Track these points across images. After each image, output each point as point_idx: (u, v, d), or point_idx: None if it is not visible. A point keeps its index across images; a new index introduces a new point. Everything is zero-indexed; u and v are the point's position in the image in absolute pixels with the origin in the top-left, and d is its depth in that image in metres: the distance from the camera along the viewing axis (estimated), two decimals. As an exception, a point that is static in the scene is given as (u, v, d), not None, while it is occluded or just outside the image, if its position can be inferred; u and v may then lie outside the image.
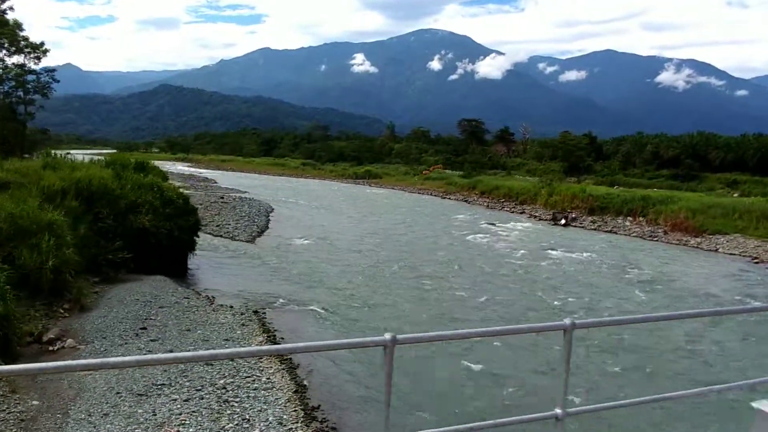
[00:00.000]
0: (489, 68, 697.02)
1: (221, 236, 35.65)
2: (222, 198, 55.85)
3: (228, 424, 11.34)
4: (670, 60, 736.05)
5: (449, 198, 68.56)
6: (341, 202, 61.96)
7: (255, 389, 13.05)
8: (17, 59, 43.99)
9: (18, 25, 42.56)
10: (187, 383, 13.09)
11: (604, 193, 53.03)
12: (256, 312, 19.71)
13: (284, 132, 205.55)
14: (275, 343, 16.65)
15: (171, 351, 15.08)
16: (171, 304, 19.53)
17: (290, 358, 15.23)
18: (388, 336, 2.96)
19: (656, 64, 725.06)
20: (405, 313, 20.89)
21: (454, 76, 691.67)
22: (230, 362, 14.26)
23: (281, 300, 21.71)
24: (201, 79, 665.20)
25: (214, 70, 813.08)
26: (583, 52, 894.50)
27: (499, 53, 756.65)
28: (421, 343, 15.71)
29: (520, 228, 44.31)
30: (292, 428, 11.39)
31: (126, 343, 15.58)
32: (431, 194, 72.95)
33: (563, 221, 47.33)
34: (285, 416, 11.87)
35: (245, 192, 67.62)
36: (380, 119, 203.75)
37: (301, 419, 11.83)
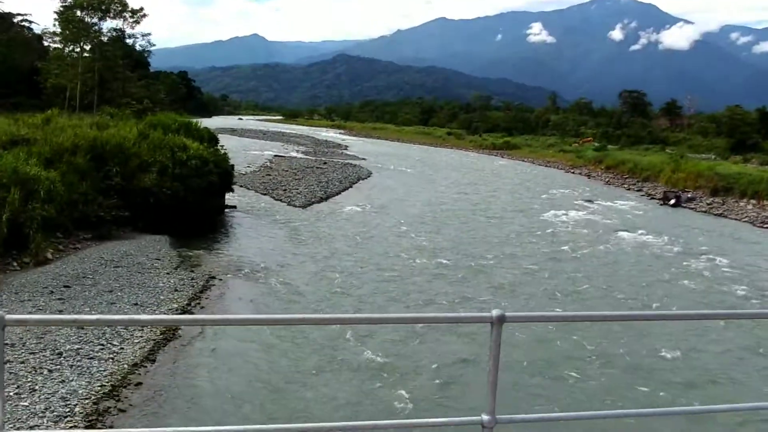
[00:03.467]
0: (675, 38, 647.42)
1: (281, 200, 35.36)
2: (324, 163, 55.77)
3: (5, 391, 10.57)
4: None
5: (573, 172, 64.26)
6: (454, 171, 59.85)
7: (90, 359, 12.25)
8: (116, 23, 46.36)
9: (114, -9, 44.76)
10: (33, 345, 12.53)
11: (734, 172, 47.09)
12: (213, 278, 18.98)
13: (444, 101, 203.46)
14: (187, 313, 15.76)
15: (61, 311, 14.68)
16: (132, 264, 19.26)
17: (187, 332, 14.25)
18: (495, 312, 2.91)
19: None
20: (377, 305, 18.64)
21: (636, 47, 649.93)
22: (105, 327, 13.57)
23: (263, 270, 20.72)
24: (377, 49, 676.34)
25: (391, 40, 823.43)
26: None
27: (688, 22, 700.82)
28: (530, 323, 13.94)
29: (617, 207, 40.27)
30: (70, 407, 10.41)
31: (29, 300, 15.34)
32: (557, 167, 68.85)
33: (673, 201, 42.52)
34: (81, 391, 10.93)
35: (363, 159, 67.36)
36: (556, 91, 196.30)
37: (93, 399, 10.81)
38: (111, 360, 12.29)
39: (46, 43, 56.99)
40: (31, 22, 58.75)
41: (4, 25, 55.73)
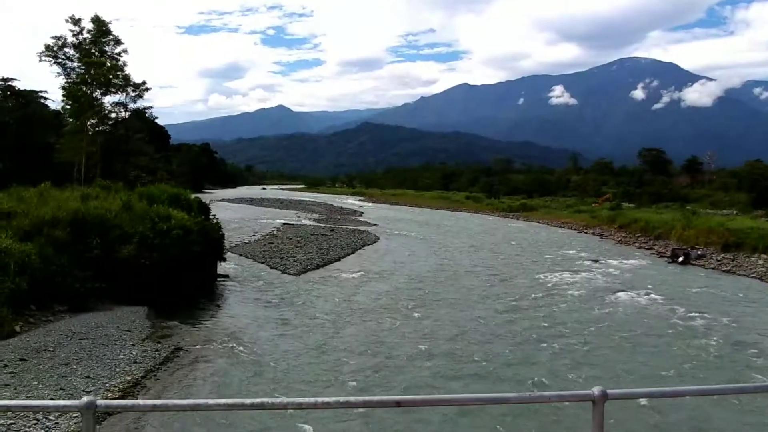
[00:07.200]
0: (697, 95, 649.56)
1: (276, 269, 35.16)
2: (332, 230, 55.82)
3: None
4: None
5: (586, 232, 63.49)
6: (463, 235, 59.37)
7: (18, 435, 11.91)
8: (119, 98, 47.67)
9: (116, 67, 45.96)
10: None
11: (746, 227, 46.13)
12: (179, 349, 18.71)
13: (466, 166, 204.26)
14: (139, 386, 15.42)
15: (8, 385, 14.44)
16: (99, 336, 19.06)
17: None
18: (596, 390, 2.89)
19: None
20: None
21: (658, 105, 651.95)
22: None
23: (232, 341, 20.35)
24: (401, 117, 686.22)
25: (414, 107, 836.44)
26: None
27: (709, 79, 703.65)
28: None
29: (623, 266, 39.41)
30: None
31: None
32: (572, 228, 68.10)
33: (681, 259, 41.61)
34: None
35: (375, 225, 67.42)
36: (580, 152, 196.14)
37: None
38: (39, 436, 11.94)
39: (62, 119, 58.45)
40: (45, 98, 60.39)
41: (22, 102, 57.43)
